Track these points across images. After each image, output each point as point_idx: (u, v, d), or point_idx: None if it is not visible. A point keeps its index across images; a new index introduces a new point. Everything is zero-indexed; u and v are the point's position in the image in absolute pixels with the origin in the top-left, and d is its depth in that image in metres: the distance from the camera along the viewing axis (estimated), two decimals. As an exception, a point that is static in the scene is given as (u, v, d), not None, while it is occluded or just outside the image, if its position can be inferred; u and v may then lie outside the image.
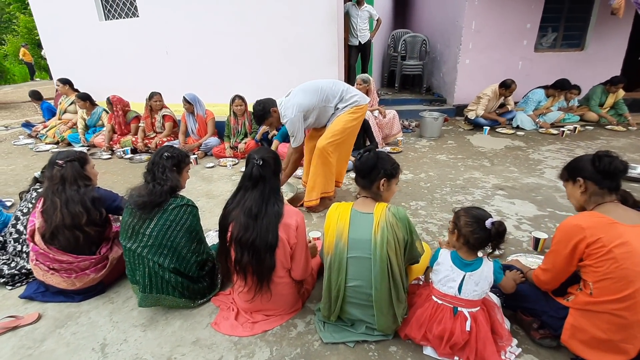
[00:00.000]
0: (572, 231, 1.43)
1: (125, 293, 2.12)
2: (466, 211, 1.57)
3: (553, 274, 1.55)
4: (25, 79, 16.67)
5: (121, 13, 5.87)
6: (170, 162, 1.92)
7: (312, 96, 2.74)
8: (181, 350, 1.69)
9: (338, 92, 2.79)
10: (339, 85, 2.84)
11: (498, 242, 1.52)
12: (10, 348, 1.75)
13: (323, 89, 2.76)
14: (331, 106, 2.81)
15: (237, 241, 1.64)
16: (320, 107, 2.78)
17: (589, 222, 1.41)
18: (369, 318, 1.66)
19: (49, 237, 1.95)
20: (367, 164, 1.66)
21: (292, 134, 2.82)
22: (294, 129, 2.78)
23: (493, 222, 1.49)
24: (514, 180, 3.56)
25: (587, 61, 6.13)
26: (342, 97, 2.80)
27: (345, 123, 2.80)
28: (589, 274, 1.43)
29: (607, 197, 1.48)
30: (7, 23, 20.99)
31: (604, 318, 1.41)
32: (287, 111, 2.74)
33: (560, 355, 1.58)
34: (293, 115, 2.71)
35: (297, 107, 2.70)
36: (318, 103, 2.76)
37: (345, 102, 2.81)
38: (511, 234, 2.56)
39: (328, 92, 2.77)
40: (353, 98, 2.82)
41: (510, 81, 5.06)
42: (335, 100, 2.80)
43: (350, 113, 2.81)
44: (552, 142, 4.76)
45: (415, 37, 6.90)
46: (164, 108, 4.82)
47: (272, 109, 2.78)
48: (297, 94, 2.76)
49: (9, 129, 6.69)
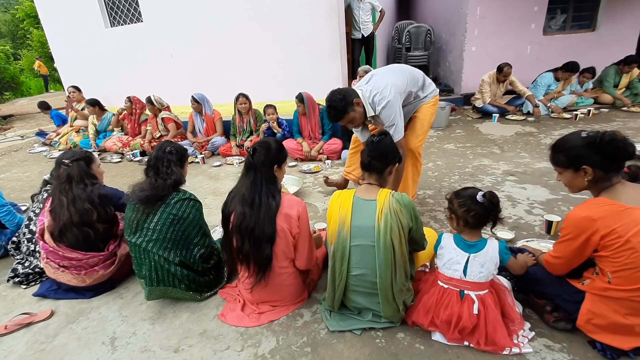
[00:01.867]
0: (582, 224, 1.34)
1: (134, 289, 2.15)
2: (457, 194, 1.55)
3: (564, 261, 1.48)
4: (41, 91, 17.19)
5: (126, 19, 5.98)
6: (175, 157, 1.94)
7: (402, 76, 2.28)
8: (189, 342, 1.70)
9: (420, 77, 2.41)
10: (417, 71, 2.45)
11: (495, 213, 1.48)
12: (24, 343, 1.80)
13: (406, 70, 2.37)
14: (414, 91, 2.37)
15: (237, 229, 1.64)
16: (408, 91, 2.32)
17: (600, 212, 1.31)
18: (375, 306, 1.64)
19: (57, 235, 1.99)
20: (388, 147, 1.64)
21: (393, 121, 2.20)
22: (394, 113, 2.18)
23: (484, 194, 1.46)
24: (525, 165, 3.46)
25: (600, 42, 5.91)
26: (424, 84, 2.43)
27: (431, 117, 2.47)
28: (606, 264, 1.35)
29: (614, 179, 1.37)
30: (22, 39, 21.72)
31: (624, 304, 1.35)
32: (383, 93, 2.16)
33: (575, 338, 1.52)
34: (392, 96, 2.15)
35: (393, 88, 2.17)
36: (407, 85, 2.29)
37: (425, 91, 2.43)
38: (522, 219, 2.49)
39: (414, 74, 2.38)
40: (432, 86, 2.47)
41: (503, 64, 4.90)
42: (418, 87, 2.39)
43: (432, 105, 2.47)
44: (565, 127, 4.61)
45: (420, 27, 6.81)
46: (163, 111, 4.88)
47: (354, 100, 2.18)
48: (385, 74, 2.28)
49: (24, 138, 6.90)
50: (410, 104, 2.44)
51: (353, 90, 2.23)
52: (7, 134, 7.71)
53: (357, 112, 2.21)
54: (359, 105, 2.21)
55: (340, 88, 2.25)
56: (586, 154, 1.38)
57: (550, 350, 1.48)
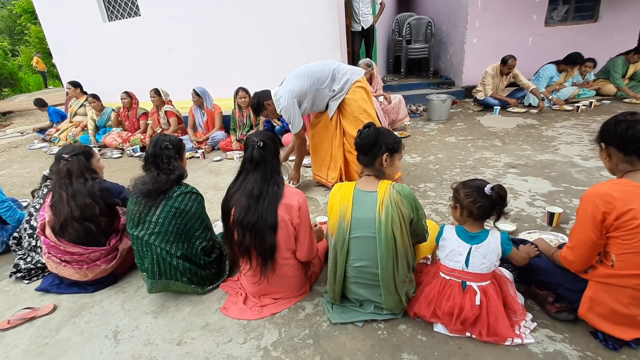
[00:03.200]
0: (600, 200, 1.30)
1: (136, 283, 2.15)
2: (464, 184, 1.53)
3: (581, 250, 1.41)
4: (40, 87, 17.11)
5: (123, 13, 5.93)
6: (172, 151, 1.92)
7: (302, 81, 2.70)
8: (191, 335, 1.71)
9: (329, 73, 2.72)
10: (329, 65, 2.76)
11: (501, 207, 1.47)
12: (28, 337, 1.81)
13: (313, 71, 2.71)
14: (324, 89, 2.74)
15: (239, 223, 1.63)
16: (313, 90, 2.72)
17: (620, 192, 1.28)
18: (377, 298, 1.64)
19: (58, 230, 1.99)
20: (368, 139, 1.60)
21: (289, 120, 2.79)
22: (290, 115, 2.74)
23: (492, 187, 1.45)
24: (526, 158, 3.44)
25: (602, 33, 5.85)
26: (334, 77, 2.73)
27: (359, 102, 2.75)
28: (614, 246, 1.34)
29: (637, 164, 1.33)
30: (19, 35, 21.57)
31: (626, 292, 1.34)
32: (280, 100, 2.71)
33: (577, 329, 1.52)
34: (286, 102, 2.68)
35: (289, 94, 2.67)
36: (310, 87, 2.70)
37: (339, 82, 2.73)
38: (524, 211, 2.48)
39: (319, 74, 2.71)
40: (345, 77, 2.73)
41: (507, 57, 4.86)
42: (327, 82, 2.72)
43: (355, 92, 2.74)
44: (566, 119, 4.58)
45: (420, 19, 6.74)
46: (166, 104, 4.86)
47: (265, 102, 2.78)
48: (289, 80, 2.74)
49: (24, 134, 6.89)
50: (333, 98, 2.79)
51: (268, 92, 2.80)
52: (6, 130, 7.69)
53: (269, 110, 2.83)
54: (270, 104, 2.79)
55: (258, 92, 2.85)
56: (606, 131, 1.39)
57: (552, 340, 1.48)
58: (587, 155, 3.36)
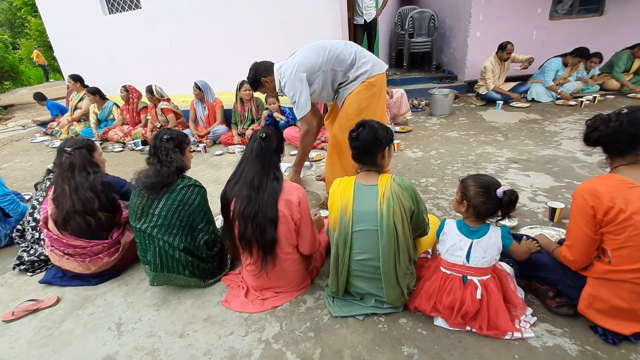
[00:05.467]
0: (588, 195, 1.33)
1: (139, 276, 2.17)
2: (475, 180, 1.50)
3: (579, 248, 1.41)
4: (41, 80, 17.07)
5: (124, 6, 5.88)
6: (172, 144, 1.93)
7: (316, 54, 2.25)
8: (193, 327, 1.72)
9: (350, 55, 2.28)
10: (351, 47, 2.32)
11: (509, 210, 1.46)
12: (32, 329, 1.83)
13: (332, 48, 2.27)
14: (341, 71, 2.29)
15: (240, 214, 1.64)
16: (328, 69, 2.27)
17: (607, 186, 1.30)
18: (378, 291, 1.65)
19: (61, 223, 2.00)
20: (368, 140, 1.58)
21: (293, 98, 2.27)
22: (295, 91, 2.24)
23: (505, 191, 1.42)
24: (529, 153, 3.43)
25: (607, 27, 5.78)
26: (354, 63, 2.29)
27: (360, 102, 2.31)
28: (608, 242, 1.35)
29: (629, 157, 1.34)
30: (20, 28, 21.47)
31: (625, 287, 1.34)
32: (285, 72, 2.26)
33: (577, 323, 1.52)
34: (292, 76, 2.22)
35: (297, 67, 2.23)
36: (323, 64, 2.25)
37: (357, 71, 2.30)
38: (526, 206, 2.48)
39: (338, 52, 2.27)
40: (365, 66, 2.29)
41: (505, 42, 4.90)
42: (346, 66, 2.28)
43: (364, 89, 2.30)
44: (569, 114, 4.55)
45: (423, 12, 6.66)
46: (162, 101, 4.84)
47: (262, 79, 2.36)
48: (300, 52, 2.32)
49: (26, 128, 6.90)
50: (343, 86, 2.36)
51: (268, 66, 2.37)
52: (8, 123, 7.69)
53: (267, 88, 2.41)
54: (269, 82, 2.37)
55: (259, 63, 2.39)
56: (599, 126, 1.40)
57: (552, 335, 1.49)
58: (589, 150, 3.32)
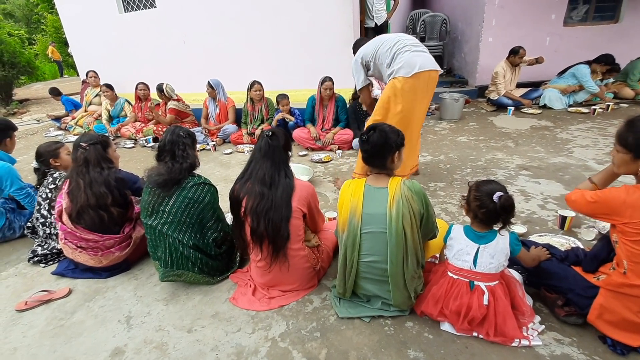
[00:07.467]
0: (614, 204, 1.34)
1: (148, 270, 2.20)
2: (477, 185, 1.52)
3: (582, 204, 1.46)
4: (55, 76, 17.39)
5: (139, 5, 5.97)
6: (189, 140, 1.96)
7: (370, 45, 2.72)
8: (201, 323, 1.75)
9: (390, 54, 2.57)
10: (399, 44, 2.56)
11: (506, 217, 1.46)
12: (44, 318, 1.87)
13: (382, 39, 2.68)
14: (383, 65, 2.64)
15: (253, 211, 1.67)
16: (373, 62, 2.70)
17: (635, 200, 1.30)
18: (385, 294, 1.65)
19: (75, 217, 2.04)
20: (378, 144, 1.58)
21: (354, 75, 2.88)
22: (354, 70, 2.85)
23: (500, 196, 1.42)
24: (539, 160, 3.40)
25: (623, 34, 5.69)
26: (392, 61, 2.56)
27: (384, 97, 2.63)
28: (623, 250, 1.33)
29: None
30: (36, 24, 21.91)
31: (638, 302, 1.34)
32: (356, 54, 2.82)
33: (586, 333, 1.51)
34: (355, 58, 2.82)
35: (361, 52, 2.77)
36: (374, 55, 2.67)
37: (392, 66, 2.56)
38: (536, 214, 2.46)
39: (386, 48, 2.59)
40: (397, 65, 2.52)
41: (517, 47, 4.93)
42: (387, 60, 2.59)
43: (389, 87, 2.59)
44: (582, 121, 4.50)
45: (435, 16, 6.66)
46: (171, 101, 4.92)
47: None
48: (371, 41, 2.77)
49: (40, 122, 7.04)
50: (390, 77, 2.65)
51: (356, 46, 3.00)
52: (23, 117, 7.86)
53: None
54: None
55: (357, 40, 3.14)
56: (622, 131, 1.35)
57: (560, 344, 1.48)
58: (602, 159, 3.30)
